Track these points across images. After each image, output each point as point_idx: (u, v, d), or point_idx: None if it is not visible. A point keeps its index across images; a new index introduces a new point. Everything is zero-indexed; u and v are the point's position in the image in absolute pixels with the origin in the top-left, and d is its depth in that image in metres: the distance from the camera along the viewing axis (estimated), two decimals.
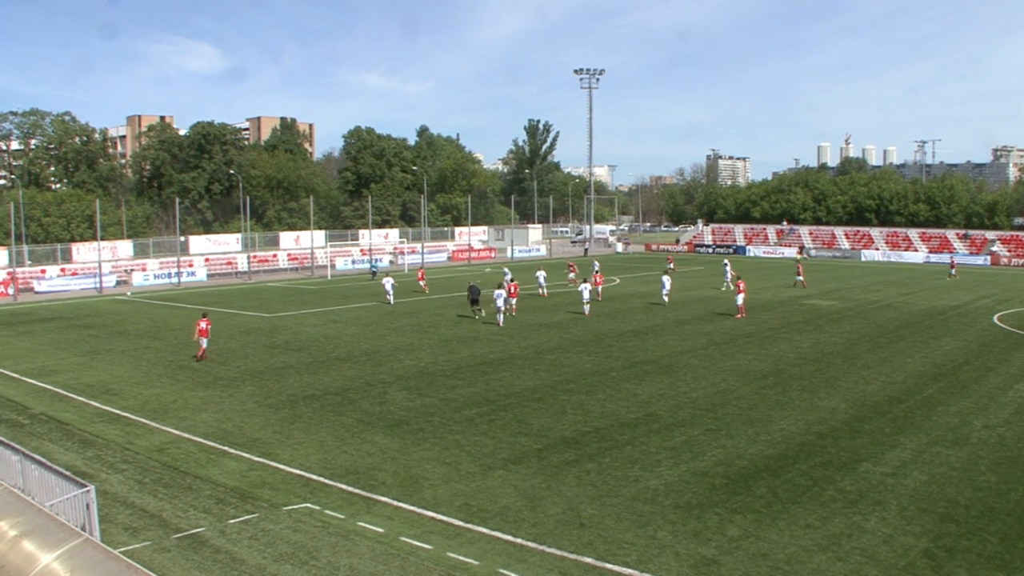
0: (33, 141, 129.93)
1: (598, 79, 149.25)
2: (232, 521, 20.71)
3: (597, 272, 71.85)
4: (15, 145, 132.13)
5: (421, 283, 72.92)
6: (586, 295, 57.12)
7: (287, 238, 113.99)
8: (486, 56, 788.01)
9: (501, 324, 51.57)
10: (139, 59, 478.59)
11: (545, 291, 69.15)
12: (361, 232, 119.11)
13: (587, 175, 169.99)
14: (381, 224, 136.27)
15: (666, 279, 63.93)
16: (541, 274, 70.93)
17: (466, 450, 26.49)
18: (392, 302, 62.88)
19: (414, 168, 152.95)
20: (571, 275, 78.50)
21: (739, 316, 54.56)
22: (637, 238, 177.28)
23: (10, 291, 73.86)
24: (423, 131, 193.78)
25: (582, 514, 21.02)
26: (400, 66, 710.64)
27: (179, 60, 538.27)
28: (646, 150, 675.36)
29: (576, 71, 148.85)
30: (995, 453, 25.97)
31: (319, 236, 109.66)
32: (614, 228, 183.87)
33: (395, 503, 21.85)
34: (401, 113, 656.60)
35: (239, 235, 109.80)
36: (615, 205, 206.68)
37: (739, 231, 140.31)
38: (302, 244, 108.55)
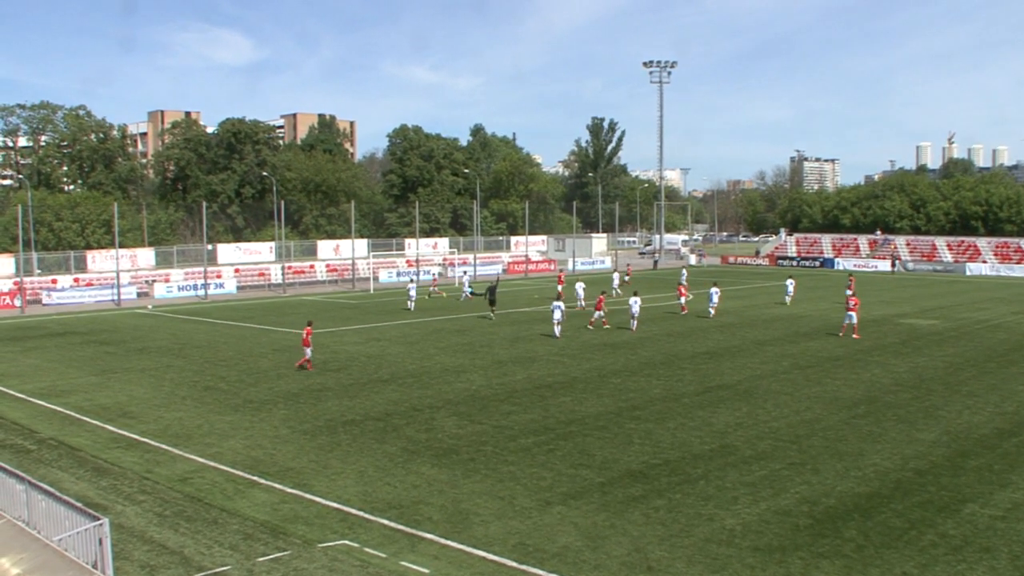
0: (44, 138, 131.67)
1: (669, 73, 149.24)
2: (261, 559, 20.74)
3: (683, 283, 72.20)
4: (23, 142, 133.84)
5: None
6: (635, 309, 57.54)
7: (325, 247, 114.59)
8: (544, 48, 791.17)
9: (558, 335, 53.40)
10: (162, 49, 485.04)
11: (583, 304, 70.56)
12: (407, 241, 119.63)
13: (657, 179, 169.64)
14: (429, 232, 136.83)
15: (715, 291, 65.81)
16: (580, 286, 72.70)
17: (521, 483, 26.40)
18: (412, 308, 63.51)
19: (466, 171, 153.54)
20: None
21: (855, 336, 54.19)
22: (712, 249, 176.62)
23: (17, 303, 74.84)
24: (477, 131, 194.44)
25: (650, 556, 20.85)
26: (450, 59, 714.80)
27: (206, 50, 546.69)
28: (722, 152, 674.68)
29: (645, 64, 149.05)
30: None
31: (361, 245, 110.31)
32: (687, 238, 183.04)
33: (442, 540, 21.79)
34: (451, 111, 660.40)
35: (272, 243, 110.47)
36: (688, 212, 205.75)
37: (826, 241, 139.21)
38: (342, 254, 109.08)
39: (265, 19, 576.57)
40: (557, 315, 54.05)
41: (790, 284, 76.24)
